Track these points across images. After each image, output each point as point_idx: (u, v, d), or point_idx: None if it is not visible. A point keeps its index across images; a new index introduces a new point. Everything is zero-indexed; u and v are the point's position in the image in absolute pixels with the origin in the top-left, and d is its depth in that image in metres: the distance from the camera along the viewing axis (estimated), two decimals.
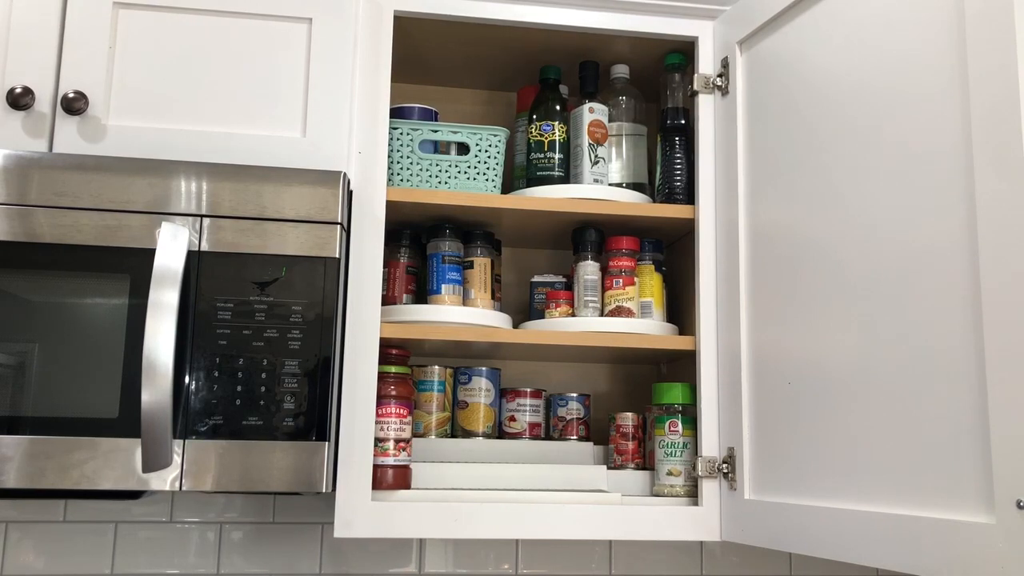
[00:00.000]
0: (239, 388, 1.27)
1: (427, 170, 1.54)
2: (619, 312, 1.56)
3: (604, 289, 1.59)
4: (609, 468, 1.56)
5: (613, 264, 1.59)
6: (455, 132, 1.55)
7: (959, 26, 1.05)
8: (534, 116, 1.62)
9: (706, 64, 1.56)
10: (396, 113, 1.58)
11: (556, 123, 1.61)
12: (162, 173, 1.31)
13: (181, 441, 1.24)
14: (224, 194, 1.31)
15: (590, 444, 1.61)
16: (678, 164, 1.60)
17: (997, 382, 0.96)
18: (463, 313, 1.50)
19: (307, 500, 1.69)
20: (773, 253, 1.35)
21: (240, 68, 1.41)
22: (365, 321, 1.39)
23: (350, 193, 1.42)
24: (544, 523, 1.39)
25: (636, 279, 1.59)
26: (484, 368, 1.64)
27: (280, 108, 1.41)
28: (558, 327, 1.54)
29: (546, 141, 1.60)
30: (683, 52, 1.63)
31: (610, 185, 1.62)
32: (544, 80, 1.64)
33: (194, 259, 1.29)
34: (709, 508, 1.44)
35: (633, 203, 1.57)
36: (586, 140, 1.60)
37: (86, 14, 1.39)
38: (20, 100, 1.33)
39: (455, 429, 1.63)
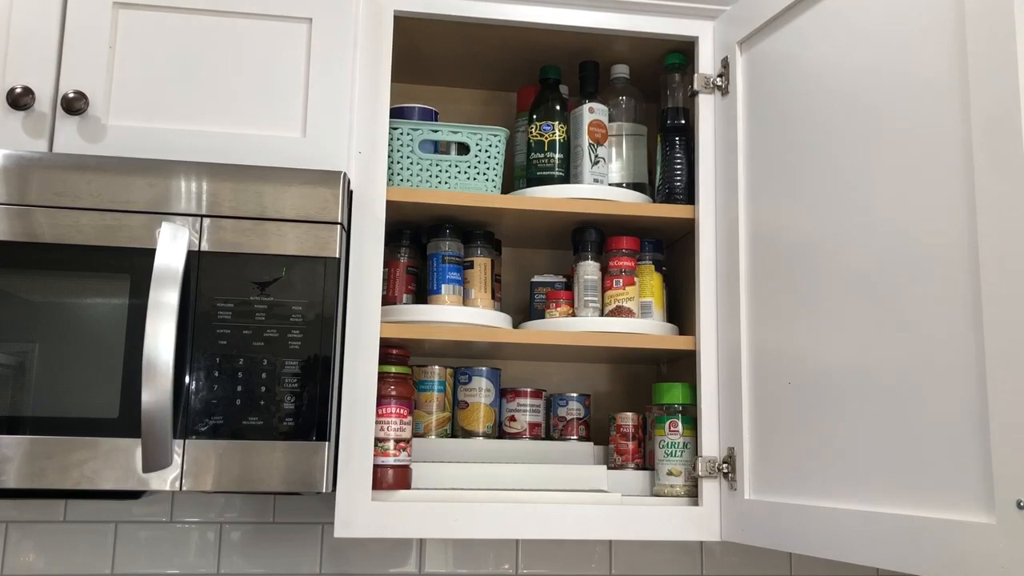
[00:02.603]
0: (239, 388, 1.27)
1: (427, 170, 1.54)
2: (619, 312, 1.56)
3: (604, 289, 1.59)
4: (609, 468, 1.56)
5: (613, 264, 1.59)
6: (455, 132, 1.55)
7: (959, 26, 1.05)
8: (534, 116, 1.62)
9: (706, 64, 1.56)
10: (396, 113, 1.58)
11: (556, 123, 1.61)
12: (162, 173, 1.31)
13: (181, 441, 1.24)
14: (224, 194, 1.31)
15: (590, 444, 1.61)
16: (678, 164, 1.60)
17: (997, 382, 0.96)
18: (463, 313, 1.50)
19: (307, 500, 1.69)
20: (773, 253, 1.35)
21: (240, 68, 1.41)
22: (365, 321, 1.39)
23: (350, 193, 1.42)
24: (544, 523, 1.39)
25: (636, 279, 1.59)
26: (484, 368, 1.64)
27: (280, 108, 1.41)
28: (558, 327, 1.54)
29: (546, 141, 1.60)
30: (683, 52, 1.63)
31: (610, 185, 1.62)
32: (544, 80, 1.64)
33: (194, 259, 1.29)
34: (709, 508, 1.44)
35: (633, 203, 1.57)
36: (586, 140, 1.60)
37: (86, 14, 1.39)
38: (20, 100, 1.33)
39: (455, 429, 1.63)
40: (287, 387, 1.28)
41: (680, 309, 1.67)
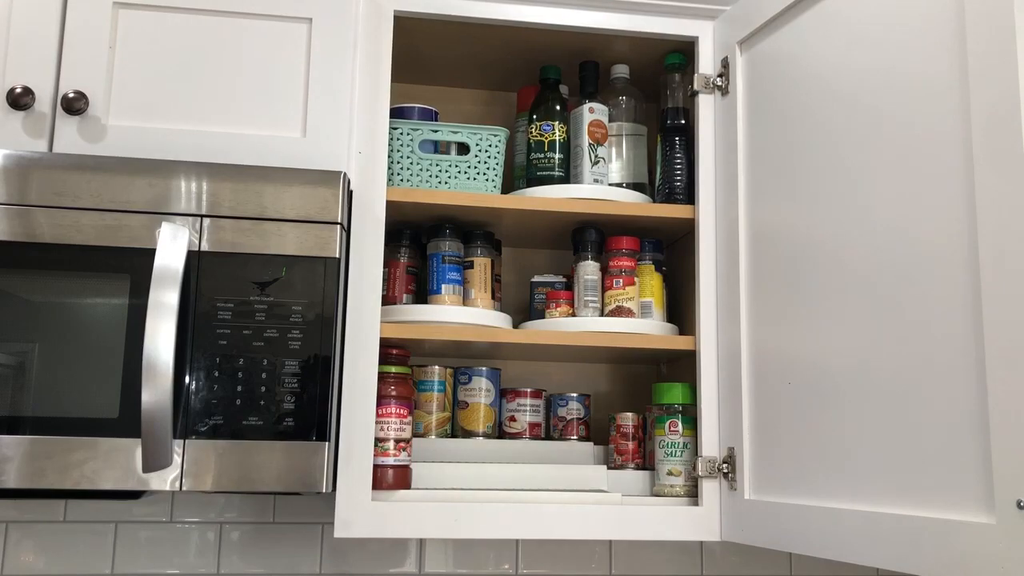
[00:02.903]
0: (239, 388, 1.27)
1: (427, 170, 1.54)
2: (619, 312, 1.56)
3: (604, 289, 1.59)
4: (609, 468, 1.56)
5: (613, 264, 1.59)
6: (455, 132, 1.55)
7: (959, 26, 1.05)
8: (534, 116, 1.62)
9: (706, 64, 1.56)
10: (396, 113, 1.58)
11: (556, 123, 1.61)
12: (162, 173, 1.31)
13: (181, 441, 1.24)
14: (224, 194, 1.31)
15: (590, 444, 1.61)
16: (678, 164, 1.60)
17: (997, 382, 0.96)
18: (463, 313, 1.50)
19: (307, 500, 1.69)
20: (773, 253, 1.35)
21: (240, 68, 1.41)
22: (365, 321, 1.39)
23: (350, 193, 1.42)
24: (544, 523, 1.39)
25: (636, 279, 1.59)
26: (484, 368, 1.64)
27: (280, 108, 1.41)
28: (558, 327, 1.54)
29: (546, 141, 1.60)
30: (683, 52, 1.63)
31: (610, 185, 1.62)
32: (544, 80, 1.64)
33: (194, 259, 1.29)
34: (709, 508, 1.44)
35: (633, 203, 1.57)
36: (586, 140, 1.60)
37: (86, 14, 1.39)
38: (20, 100, 1.33)
39: (455, 429, 1.63)
40: (287, 387, 1.28)
41: (680, 309, 1.67)
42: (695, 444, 1.50)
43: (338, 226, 1.33)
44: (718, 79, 1.52)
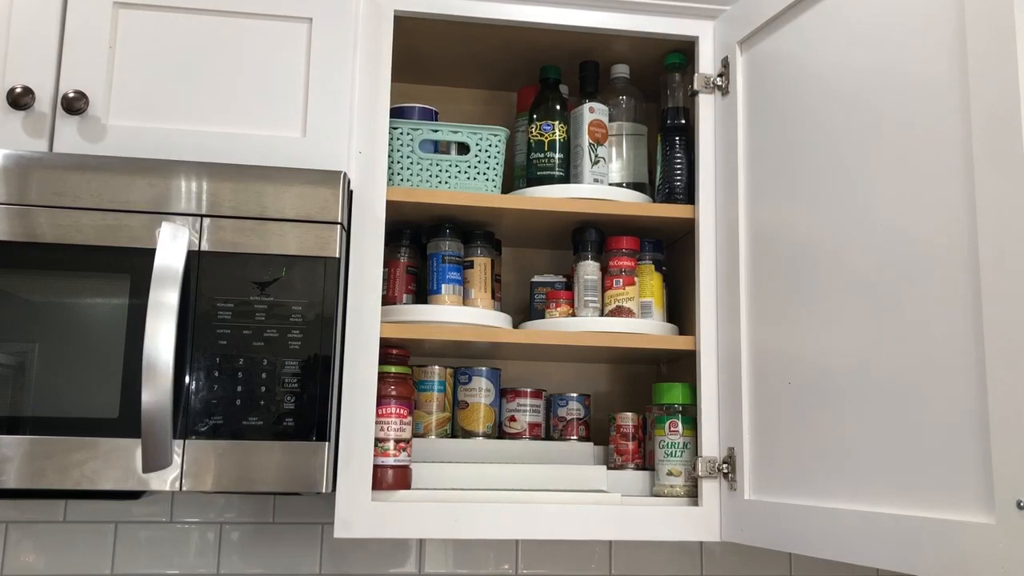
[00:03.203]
0: (239, 388, 1.27)
1: (427, 170, 1.54)
2: (619, 312, 1.56)
3: (604, 289, 1.59)
4: (609, 468, 1.56)
5: (613, 264, 1.59)
6: (455, 132, 1.55)
7: (959, 26, 1.05)
8: (534, 116, 1.62)
9: (706, 64, 1.56)
10: (396, 113, 1.58)
11: (556, 123, 1.61)
12: (162, 173, 1.31)
13: (181, 441, 1.24)
14: (224, 194, 1.31)
15: (590, 444, 1.61)
16: (678, 164, 1.60)
17: (997, 382, 0.96)
18: (463, 313, 1.50)
19: (307, 500, 1.69)
20: (773, 253, 1.35)
21: (240, 68, 1.41)
22: (365, 321, 1.39)
23: (350, 193, 1.42)
24: (544, 523, 1.39)
25: (636, 279, 1.59)
26: (484, 368, 1.64)
27: (280, 108, 1.41)
28: (558, 327, 1.54)
29: (546, 141, 1.60)
30: (683, 52, 1.63)
31: (610, 185, 1.62)
32: (544, 80, 1.64)
33: (194, 259, 1.29)
34: (709, 508, 1.44)
35: (633, 203, 1.57)
36: (586, 140, 1.60)
37: (86, 14, 1.39)
38: (20, 100, 1.33)
39: (455, 429, 1.63)
40: (287, 387, 1.28)
41: (680, 309, 1.67)
42: (695, 444, 1.50)
43: (338, 226, 1.33)
44: (718, 79, 1.52)
